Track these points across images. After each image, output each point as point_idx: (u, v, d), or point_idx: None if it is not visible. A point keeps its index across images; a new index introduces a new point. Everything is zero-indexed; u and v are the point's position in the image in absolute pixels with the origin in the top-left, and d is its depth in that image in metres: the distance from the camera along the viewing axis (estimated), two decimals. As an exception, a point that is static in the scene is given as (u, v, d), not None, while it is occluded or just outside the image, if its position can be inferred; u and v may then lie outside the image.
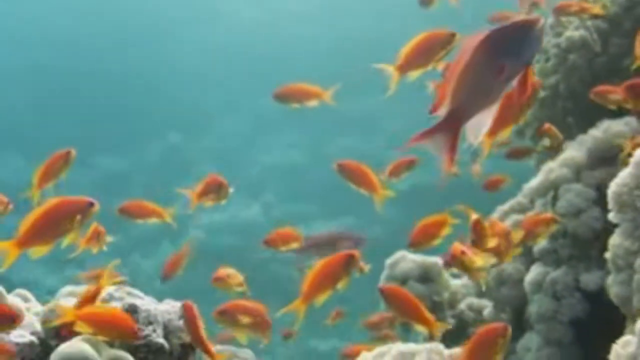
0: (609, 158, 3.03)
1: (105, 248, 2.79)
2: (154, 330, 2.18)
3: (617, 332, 2.94)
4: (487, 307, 3.54)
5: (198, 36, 15.40)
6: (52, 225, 1.89)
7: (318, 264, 2.20)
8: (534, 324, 3.08)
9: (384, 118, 14.03)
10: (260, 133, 14.04)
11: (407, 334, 4.51)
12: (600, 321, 3.05)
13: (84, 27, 15.11)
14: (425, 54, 2.30)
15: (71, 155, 2.52)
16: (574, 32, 3.42)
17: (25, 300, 2.28)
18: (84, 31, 15.06)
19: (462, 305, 3.88)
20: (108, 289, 2.25)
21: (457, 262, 2.27)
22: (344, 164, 2.88)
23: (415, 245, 3.33)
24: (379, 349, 2.66)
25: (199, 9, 15.62)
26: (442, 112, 1.51)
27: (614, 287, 2.67)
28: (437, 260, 3.99)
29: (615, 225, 2.80)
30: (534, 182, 3.17)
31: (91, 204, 1.94)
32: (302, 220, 12.22)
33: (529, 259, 3.30)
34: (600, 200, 3.05)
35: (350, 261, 2.21)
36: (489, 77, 1.46)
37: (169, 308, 2.25)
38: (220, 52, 15.18)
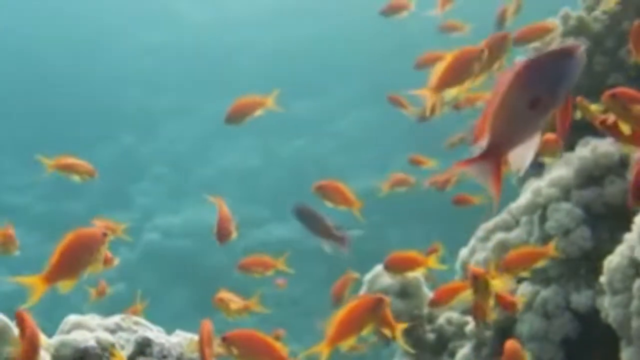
0: (597, 177, 3.00)
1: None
2: (170, 365, 2.09)
3: (608, 351, 2.91)
4: (468, 323, 3.49)
5: (150, 39, 15.24)
6: (76, 260, 1.93)
7: (344, 307, 2.09)
8: (525, 343, 3.03)
9: (336, 120, 14.00)
10: (214, 136, 13.90)
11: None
12: (590, 340, 3.01)
13: (34, 31, 14.85)
14: (459, 72, 2.23)
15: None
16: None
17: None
18: (34, 35, 14.80)
19: (441, 320, 3.83)
20: (114, 318, 2.18)
21: (476, 284, 2.19)
22: (321, 185, 2.78)
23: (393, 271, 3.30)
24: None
25: (150, 11, 15.46)
26: (483, 143, 1.47)
27: (611, 310, 2.63)
28: (417, 275, 3.93)
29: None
30: (522, 201, 3.13)
31: (105, 234, 1.99)
32: (257, 223, 12.13)
33: (515, 277, 3.24)
34: (589, 219, 3.01)
35: (378, 306, 2.11)
36: (524, 110, 1.43)
37: (181, 340, 2.15)
38: (171, 55, 15.04)
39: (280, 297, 11.28)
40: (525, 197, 3.12)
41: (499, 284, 2.18)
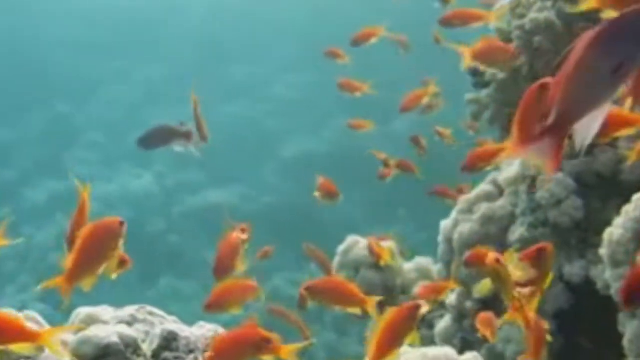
0: (588, 147, 2.86)
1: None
2: (196, 359, 1.92)
3: (601, 322, 2.83)
4: (451, 295, 3.37)
5: (82, 3, 14.77)
6: (94, 256, 1.85)
7: (381, 321, 1.92)
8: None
9: (271, 83, 13.80)
10: (147, 101, 13.58)
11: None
12: (582, 311, 2.92)
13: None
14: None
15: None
16: (538, 14, 3.25)
17: (38, 324, 2.00)
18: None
19: (415, 290, 3.69)
20: (128, 309, 2.00)
21: (490, 273, 2.03)
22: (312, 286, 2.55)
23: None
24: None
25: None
26: (551, 116, 1.36)
27: (613, 282, 2.53)
28: (389, 244, 3.80)
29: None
30: (511, 172, 3.00)
31: (122, 223, 1.89)
32: (193, 189, 11.91)
33: (502, 248, 3.12)
34: (580, 189, 2.90)
35: (415, 313, 1.94)
36: (603, 77, 1.31)
37: (206, 332, 1.97)
38: (103, 19, 14.62)
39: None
40: (513, 168, 2.99)
41: (517, 272, 2.02)
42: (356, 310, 2.63)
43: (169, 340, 1.94)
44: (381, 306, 3.63)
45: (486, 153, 3.04)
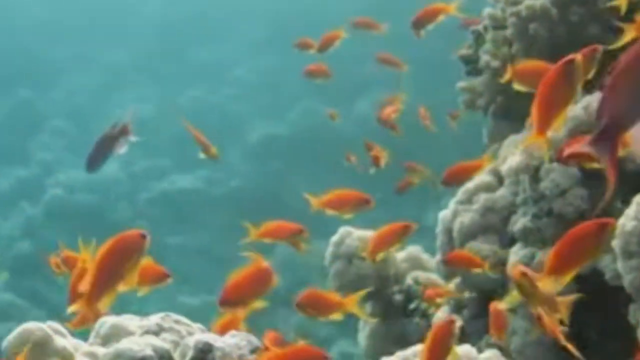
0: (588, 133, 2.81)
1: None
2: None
3: (607, 313, 2.79)
4: (449, 285, 3.31)
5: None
6: (113, 274, 1.74)
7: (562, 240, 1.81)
8: (519, 307, 2.86)
9: (234, 66, 13.65)
10: (112, 86, 13.35)
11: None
12: (587, 301, 2.86)
13: None
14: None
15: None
16: (534, 0, 3.18)
17: (62, 335, 1.90)
18: None
19: (409, 280, 3.63)
20: (154, 318, 1.91)
21: (518, 286, 1.94)
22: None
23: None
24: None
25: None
26: (603, 120, 1.32)
27: (626, 274, 2.48)
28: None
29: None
30: (513, 161, 2.93)
31: (143, 237, 1.77)
32: (158, 174, 11.76)
33: (503, 238, 3.07)
34: (585, 179, 2.85)
35: (604, 230, 1.83)
36: None
37: (239, 341, 1.87)
38: (65, 4, 14.33)
39: (185, 248, 11.00)
40: (516, 158, 2.92)
41: (546, 285, 1.93)
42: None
43: (204, 352, 1.84)
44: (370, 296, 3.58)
45: (465, 168, 3.13)
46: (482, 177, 3.19)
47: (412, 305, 3.49)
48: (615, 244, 2.52)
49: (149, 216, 10.95)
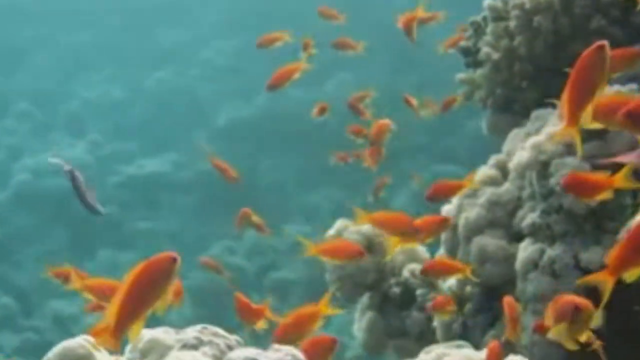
0: (599, 131, 2.78)
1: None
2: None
3: (617, 308, 2.75)
4: (451, 279, 3.26)
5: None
6: (142, 301, 1.59)
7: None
8: (529, 303, 2.82)
9: (201, 48, 13.48)
10: (77, 69, 13.10)
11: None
12: (598, 299, 2.82)
13: None
14: None
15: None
16: (538, -8, 3.13)
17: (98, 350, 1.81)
18: None
19: (405, 273, 3.58)
20: (192, 332, 1.81)
21: (571, 322, 1.87)
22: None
23: None
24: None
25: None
26: None
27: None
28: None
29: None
30: (523, 157, 2.88)
31: (174, 260, 1.60)
32: (126, 158, 11.60)
33: (509, 232, 3.02)
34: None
35: None
36: None
37: (283, 357, 1.79)
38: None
39: (156, 233, 10.87)
40: (525, 153, 2.87)
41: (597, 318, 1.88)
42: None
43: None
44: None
45: (449, 187, 3.09)
46: (486, 171, 3.14)
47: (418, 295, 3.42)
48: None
49: (118, 201, 10.77)
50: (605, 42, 1.87)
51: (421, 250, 3.74)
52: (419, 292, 3.51)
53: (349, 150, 5.66)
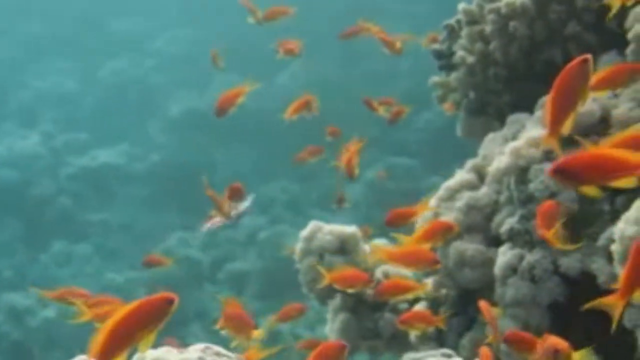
0: (579, 136, 2.77)
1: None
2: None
3: (596, 315, 2.74)
4: (426, 281, 3.24)
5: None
6: (128, 338, 1.56)
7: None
8: (509, 308, 2.80)
9: (154, 38, 13.30)
10: (29, 59, 12.82)
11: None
12: (577, 304, 2.82)
13: None
14: None
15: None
16: (514, -3, 3.11)
17: None
18: None
19: (379, 274, 3.54)
20: (194, 352, 1.75)
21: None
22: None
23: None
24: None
25: None
26: None
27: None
28: (355, 230, 3.60)
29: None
30: (502, 162, 2.85)
31: (170, 302, 1.57)
32: (80, 148, 11.41)
33: (487, 236, 3.00)
34: (573, 181, 2.78)
35: None
36: None
37: None
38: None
39: (109, 224, 10.71)
40: (504, 158, 2.85)
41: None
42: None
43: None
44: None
45: (405, 213, 3.11)
46: (463, 175, 3.11)
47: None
48: (614, 248, 2.47)
49: (71, 192, 10.60)
50: (589, 56, 1.90)
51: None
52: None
53: (305, 144, 5.62)
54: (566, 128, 1.96)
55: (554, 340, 1.91)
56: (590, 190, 1.92)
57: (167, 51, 13.08)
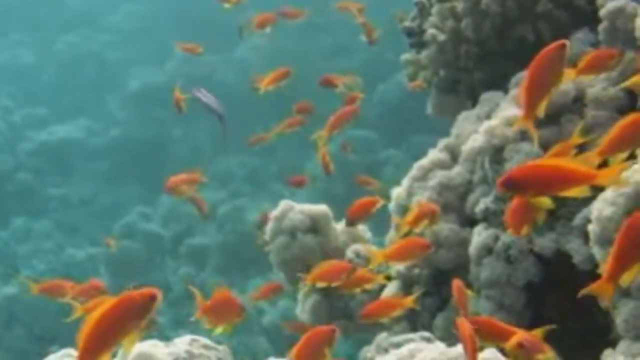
0: (553, 116, 2.73)
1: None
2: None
3: (569, 294, 2.72)
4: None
5: None
6: (111, 336, 1.50)
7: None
8: (484, 289, 2.77)
9: (110, 12, 13.05)
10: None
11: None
12: (551, 283, 2.81)
13: None
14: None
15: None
16: (485, -25, 3.04)
17: None
18: None
19: (349, 253, 3.49)
20: (181, 345, 1.67)
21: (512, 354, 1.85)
22: None
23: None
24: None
25: None
26: None
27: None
28: (326, 209, 3.54)
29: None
30: (476, 142, 2.80)
31: (153, 298, 1.51)
32: (38, 124, 11.19)
33: (460, 215, 2.95)
34: (548, 160, 2.74)
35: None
36: None
37: None
38: None
39: (68, 199, 10.54)
40: (478, 138, 2.79)
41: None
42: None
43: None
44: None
45: (365, 205, 3.13)
46: (436, 154, 3.06)
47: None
48: (591, 229, 2.43)
49: (30, 167, 10.40)
50: (566, 41, 1.89)
51: (362, 229, 3.65)
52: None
53: (265, 117, 5.51)
54: (540, 110, 1.95)
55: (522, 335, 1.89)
56: (541, 201, 1.93)
57: (123, 26, 12.85)
